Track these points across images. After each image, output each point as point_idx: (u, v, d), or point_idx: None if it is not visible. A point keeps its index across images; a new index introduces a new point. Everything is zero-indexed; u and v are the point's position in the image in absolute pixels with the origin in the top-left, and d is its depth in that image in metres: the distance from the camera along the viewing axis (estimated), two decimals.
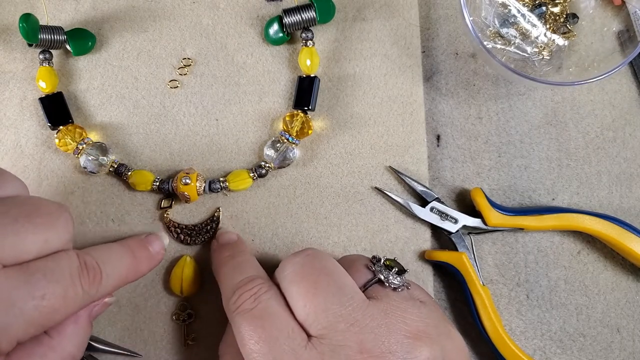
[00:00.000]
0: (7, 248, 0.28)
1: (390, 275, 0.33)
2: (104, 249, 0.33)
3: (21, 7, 0.40)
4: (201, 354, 0.39)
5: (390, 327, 0.30)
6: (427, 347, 0.30)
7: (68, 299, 0.29)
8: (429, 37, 0.42)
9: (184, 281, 0.38)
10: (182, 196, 0.38)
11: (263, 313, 0.31)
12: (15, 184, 0.31)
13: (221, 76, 0.41)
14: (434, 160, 0.41)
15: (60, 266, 0.30)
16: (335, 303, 0.30)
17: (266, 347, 0.30)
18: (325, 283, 0.31)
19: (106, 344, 0.38)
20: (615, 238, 0.39)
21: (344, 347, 0.29)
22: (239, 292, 0.32)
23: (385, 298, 0.32)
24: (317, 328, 0.30)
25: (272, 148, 0.39)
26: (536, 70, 0.41)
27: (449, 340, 0.32)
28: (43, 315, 0.28)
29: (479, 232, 0.40)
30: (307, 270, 0.32)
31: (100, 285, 0.31)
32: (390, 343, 0.30)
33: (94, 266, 0.31)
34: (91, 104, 0.40)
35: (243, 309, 0.31)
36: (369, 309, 0.31)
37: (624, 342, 0.40)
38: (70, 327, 0.32)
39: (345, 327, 0.30)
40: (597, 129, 0.42)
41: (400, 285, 0.33)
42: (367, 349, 0.29)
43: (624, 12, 0.41)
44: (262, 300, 0.31)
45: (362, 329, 0.30)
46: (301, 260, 0.33)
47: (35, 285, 0.28)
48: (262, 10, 0.41)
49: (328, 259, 0.33)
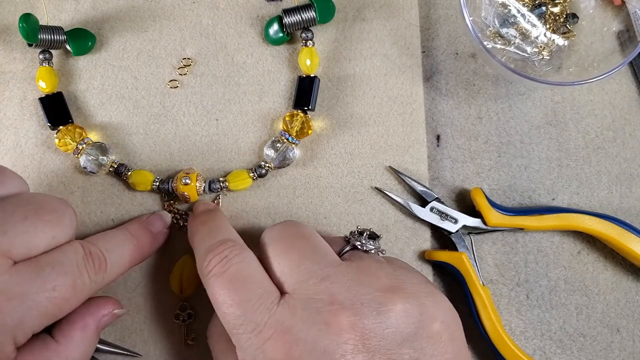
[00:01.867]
0: (18, 245, 0.29)
1: (363, 239, 0.34)
2: (106, 237, 0.34)
3: (21, 7, 0.40)
4: (201, 354, 0.39)
5: (363, 282, 0.30)
6: (400, 299, 0.30)
7: (77, 288, 0.31)
8: (429, 37, 0.42)
9: (184, 281, 0.38)
10: (182, 196, 0.38)
11: (235, 276, 0.31)
12: (17, 181, 0.32)
13: (221, 76, 0.41)
14: (434, 160, 0.41)
15: (68, 258, 0.31)
16: (308, 259, 0.31)
17: (240, 309, 0.30)
18: (300, 244, 0.32)
19: (106, 344, 0.38)
20: (615, 238, 0.39)
21: (314, 299, 0.29)
22: (210, 255, 0.32)
23: (358, 259, 0.32)
24: (289, 284, 0.31)
25: (272, 148, 0.39)
26: (536, 70, 0.41)
27: (430, 298, 0.31)
28: (55, 305, 0.30)
29: (479, 232, 0.40)
30: (284, 234, 0.33)
31: (106, 273, 0.33)
32: (361, 294, 0.30)
33: (99, 255, 0.32)
34: (91, 104, 0.40)
35: (215, 273, 0.31)
36: (342, 267, 0.31)
37: (624, 342, 0.40)
38: (77, 333, 0.33)
39: (316, 282, 0.30)
40: (597, 129, 0.42)
41: (373, 248, 0.34)
42: (338, 301, 0.29)
43: (624, 12, 0.41)
44: (234, 262, 0.31)
45: (334, 283, 0.30)
46: (279, 227, 0.34)
47: (46, 278, 0.29)
48: (262, 10, 0.41)
49: (305, 226, 0.34)
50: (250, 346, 0.29)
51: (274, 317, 0.29)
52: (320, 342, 0.28)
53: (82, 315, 0.33)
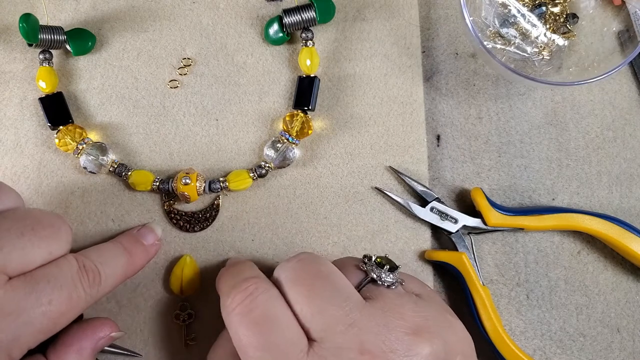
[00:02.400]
0: (14, 261, 0.29)
1: (383, 273, 0.32)
2: (99, 250, 0.34)
3: (21, 7, 0.40)
4: (201, 354, 0.39)
5: (389, 326, 0.30)
6: (427, 342, 0.29)
7: (72, 302, 0.30)
8: (429, 37, 0.42)
9: (184, 281, 0.38)
10: (182, 196, 0.38)
11: (262, 316, 0.30)
12: (13, 196, 0.32)
13: (221, 76, 0.41)
14: (434, 160, 0.41)
15: (63, 271, 0.31)
16: (331, 304, 0.30)
17: (268, 354, 0.29)
18: (320, 286, 0.31)
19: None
20: (615, 238, 0.39)
21: (345, 349, 0.29)
22: (235, 292, 0.31)
23: (380, 297, 0.31)
24: (316, 331, 0.29)
25: (272, 148, 0.39)
26: (536, 70, 0.41)
27: (450, 331, 0.31)
28: (51, 320, 0.29)
29: (479, 232, 0.40)
30: (301, 275, 0.31)
31: (100, 286, 0.32)
32: (391, 341, 0.29)
33: (93, 268, 0.32)
34: (91, 104, 0.40)
35: (240, 311, 0.30)
36: (366, 309, 0.30)
37: (624, 342, 0.40)
38: (73, 356, 0.32)
39: (344, 329, 0.29)
40: (597, 129, 0.42)
41: (393, 282, 0.32)
42: (368, 350, 0.29)
43: (624, 12, 0.41)
44: (260, 301, 0.30)
45: (361, 329, 0.29)
46: (294, 264, 0.32)
47: (41, 293, 0.29)
48: (262, 10, 0.41)
49: (322, 262, 0.32)
50: None
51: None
52: None
53: (78, 338, 0.32)
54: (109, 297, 0.39)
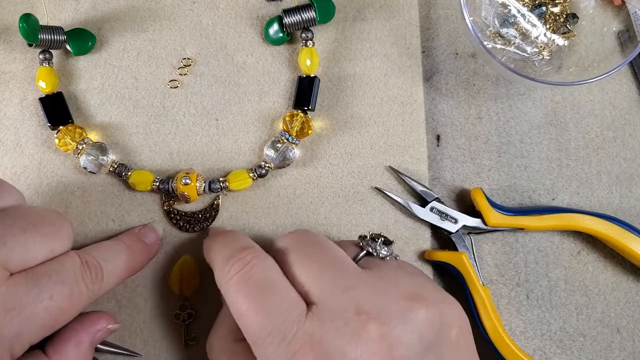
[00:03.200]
0: (16, 257, 0.29)
1: (377, 245, 0.34)
2: (101, 247, 0.34)
3: (21, 7, 0.40)
4: (201, 354, 0.39)
5: (385, 290, 0.30)
6: (423, 308, 0.30)
7: (74, 298, 0.31)
8: (429, 37, 0.42)
9: (184, 281, 0.38)
10: (182, 196, 0.38)
11: (260, 283, 0.30)
12: (15, 193, 0.33)
13: (221, 76, 0.41)
14: (434, 160, 0.41)
15: (65, 267, 0.31)
16: (329, 270, 0.31)
17: (267, 318, 0.29)
18: (318, 253, 0.32)
19: (106, 344, 0.38)
20: (615, 238, 0.39)
21: (342, 310, 0.29)
22: (232, 261, 0.31)
23: (376, 267, 0.32)
24: (314, 295, 0.30)
25: (272, 148, 0.39)
26: (536, 70, 0.41)
27: (446, 305, 0.31)
28: (53, 316, 0.30)
29: (479, 232, 0.40)
30: (299, 244, 0.32)
31: (103, 282, 0.32)
32: (387, 304, 0.30)
33: (95, 265, 0.32)
34: (91, 104, 0.40)
35: (238, 279, 0.30)
36: (363, 275, 0.31)
37: (624, 342, 0.40)
38: (71, 350, 0.32)
39: (341, 292, 0.30)
40: (597, 129, 0.42)
41: (388, 254, 0.33)
42: (365, 311, 0.29)
43: (624, 12, 0.41)
44: (258, 269, 0.31)
45: (358, 292, 0.30)
46: (292, 236, 0.33)
47: (43, 288, 0.29)
48: (262, 10, 0.41)
49: (318, 235, 0.34)
50: (278, 357, 0.29)
51: (302, 328, 0.29)
52: (351, 353, 0.28)
53: (75, 331, 0.33)
54: (109, 297, 0.39)
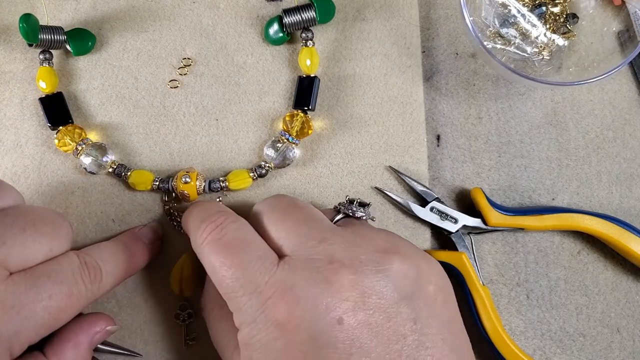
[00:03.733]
0: (15, 256, 0.29)
1: (354, 207, 0.34)
2: (100, 248, 0.35)
3: (21, 7, 0.40)
4: (201, 353, 0.39)
5: (360, 244, 0.31)
6: (398, 259, 0.30)
7: (73, 297, 0.31)
8: (429, 37, 0.42)
9: (184, 281, 0.38)
10: (181, 195, 0.38)
11: (231, 240, 0.31)
12: (14, 194, 0.33)
13: (221, 76, 0.41)
14: (434, 160, 0.41)
15: (63, 267, 0.31)
16: (304, 225, 0.31)
17: (238, 271, 0.30)
18: (295, 212, 0.32)
19: (106, 344, 0.38)
20: (615, 238, 0.39)
21: (314, 259, 0.30)
22: (205, 224, 0.32)
23: (352, 225, 0.33)
24: (288, 247, 0.31)
25: (272, 148, 0.39)
26: (536, 70, 0.41)
27: (424, 260, 0.32)
28: (52, 315, 0.30)
29: (479, 232, 0.40)
30: (277, 204, 0.33)
31: (101, 283, 0.33)
32: (360, 254, 0.30)
33: (94, 265, 0.32)
34: (91, 104, 0.40)
35: (210, 240, 0.31)
36: (338, 230, 0.32)
37: (624, 342, 0.40)
38: (70, 352, 0.32)
39: (315, 243, 0.30)
40: (597, 129, 0.42)
41: (364, 215, 0.34)
42: (338, 260, 0.30)
43: (624, 12, 0.41)
44: (230, 229, 0.31)
45: (332, 244, 0.30)
46: (270, 199, 0.34)
47: (41, 287, 0.29)
48: (262, 10, 0.41)
49: (296, 198, 0.35)
50: (250, 307, 0.29)
51: (274, 277, 0.29)
52: (322, 299, 0.29)
53: (74, 333, 0.33)
54: (109, 297, 0.39)
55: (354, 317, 0.28)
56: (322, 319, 0.28)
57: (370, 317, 0.29)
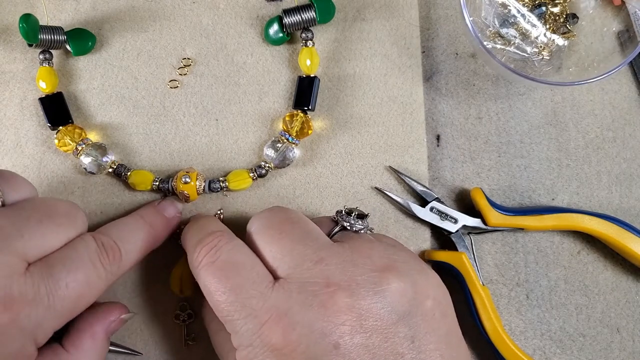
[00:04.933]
0: (33, 248, 0.30)
1: (352, 219, 0.34)
2: (119, 225, 0.35)
3: (21, 7, 0.40)
4: (201, 354, 0.39)
5: (356, 263, 0.30)
6: (395, 278, 0.30)
7: (91, 282, 0.31)
8: (429, 37, 0.42)
9: (184, 281, 0.38)
10: (181, 195, 0.38)
11: (225, 263, 0.31)
12: (29, 187, 0.33)
13: (221, 76, 0.41)
14: (434, 160, 0.41)
15: (79, 253, 0.31)
16: (300, 243, 0.31)
17: (233, 295, 0.30)
18: (290, 229, 0.32)
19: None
20: (615, 238, 0.39)
21: (310, 283, 0.29)
22: (199, 246, 0.32)
23: (350, 240, 0.32)
24: (283, 269, 0.30)
25: (272, 148, 0.39)
26: (536, 70, 0.41)
27: (422, 276, 0.31)
28: (71, 303, 0.30)
29: (478, 232, 0.40)
30: (272, 221, 0.33)
31: (121, 262, 0.33)
32: (356, 275, 0.30)
33: (112, 245, 0.32)
34: (91, 104, 0.40)
35: (205, 262, 0.31)
36: (334, 248, 0.31)
37: (624, 342, 0.40)
38: (87, 342, 0.33)
39: (311, 265, 0.30)
40: (597, 129, 0.42)
41: (362, 228, 0.34)
42: (334, 283, 0.29)
43: (624, 12, 0.41)
44: (224, 250, 0.31)
45: (328, 265, 0.30)
46: (265, 213, 0.33)
47: (58, 276, 0.29)
48: (262, 10, 0.41)
49: (292, 211, 0.34)
50: (247, 331, 0.29)
51: (269, 301, 0.29)
52: (318, 324, 0.28)
53: (90, 324, 0.33)
54: (108, 297, 0.38)
55: (351, 340, 0.28)
56: (319, 344, 0.28)
57: (367, 339, 0.28)
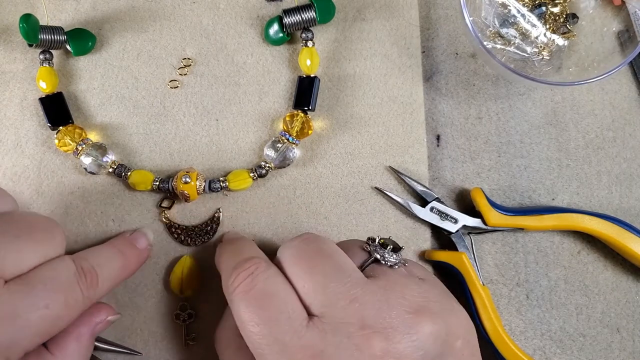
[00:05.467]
0: (9, 264, 0.29)
1: (386, 253, 0.33)
2: (95, 252, 0.34)
3: (21, 7, 0.40)
4: (201, 354, 0.39)
5: (391, 303, 0.30)
6: (429, 322, 0.30)
7: (70, 305, 0.30)
8: (429, 37, 0.42)
9: (184, 281, 0.38)
10: (181, 195, 0.38)
11: (262, 293, 0.30)
12: (8, 199, 0.33)
13: (221, 76, 0.41)
14: (434, 160, 0.41)
15: (59, 274, 0.31)
16: (333, 281, 0.30)
17: (266, 328, 0.29)
18: (323, 263, 0.31)
19: (107, 343, 0.38)
20: (615, 238, 0.39)
21: (345, 324, 0.29)
22: (236, 272, 0.31)
23: (383, 275, 0.32)
24: (317, 306, 0.30)
25: (272, 148, 0.39)
26: (536, 70, 0.41)
27: (453, 316, 0.31)
28: (48, 323, 0.29)
29: (479, 232, 0.40)
30: (305, 253, 0.32)
31: (98, 288, 0.32)
32: (392, 318, 0.29)
33: (90, 270, 0.32)
34: (91, 104, 0.40)
35: (241, 290, 0.30)
36: (368, 286, 0.30)
37: (624, 342, 0.40)
38: (72, 344, 0.32)
39: (345, 304, 0.29)
40: (597, 129, 0.42)
41: (396, 262, 0.33)
42: (369, 325, 0.29)
43: (623, 12, 0.41)
44: (260, 279, 0.31)
45: (363, 305, 0.29)
46: (298, 243, 0.33)
47: (37, 296, 0.29)
48: (262, 10, 0.41)
49: (325, 241, 0.33)
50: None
51: (303, 340, 0.29)
52: None
53: (75, 325, 0.33)
54: (108, 297, 0.38)
55: None
56: None
57: None
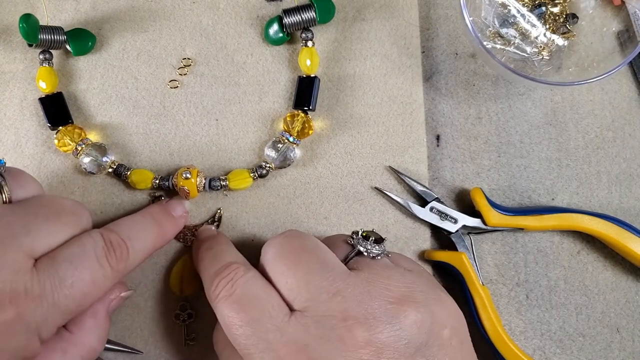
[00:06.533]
0: (40, 245, 0.30)
1: (369, 244, 0.33)
2: (128, 223, 0.35)
3: (21, 7, 0.40)
4: (201, 353, 0.39)
5: (373, 294, 0.30)
6: (412, 310, 0.30)
7: (97, 281, 0.31)
8: (429, 37, 0.42)
9: (184, 281, 0.38)
10: (182, 191, 0.38)
11: (241, 297, 0.31)
12: (35, 184, 0.33)
13: (221, 76, 0.41)
14: (433, 160, 0.41)
15: (86, 250, 0.31)
16: (316, 275, 0.30)
17: (249, 329, 0.30)
18: (306, 258, 0.31)
19: (107, 342, 0.38)
20: (615, 238, 0.39)
21: (328, 317, 0.29)
22: (216, 280, 0.32)
23: (366, 267, 0.32)
24: (300, 301, 0.30)
25: (272, 148, 0.39)
26: (536, 70, 0.41)
27: (439, 304, 0.31)
28: (76, 301, 0.30)
29: (478, 232, 0.40)
30: (287, 249, 0.32)
31: (128, 260, 0.33)
32: (374, 309, 0.29)
33: (120, 243, 0.33)
34: (91, 104, 0.40)
35: (222, 296, 0.31)
36: (351, 278, 0.31)
37: (624, 342, 0.40)
38: (89, 321, 0.33)
39: (328, 297, 0.30)
40: (597, 129, 0.42)
41: (379, 253, 0.33)
42: (352, 316, 0.29)
43: (623, 12, 0.41)
44: (239, 284, 0.31)
45: (345, 297, 0.30)
46: (281, 240, 0.33)
47: (64, 275, 0.30)
48: (262, 10, 0.41)
49: (308, 237, 0.33)
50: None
51: (286, 335, 0.29)
52: (336, 358, 0.28)
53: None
54: None
55: None
56: None
57: None
